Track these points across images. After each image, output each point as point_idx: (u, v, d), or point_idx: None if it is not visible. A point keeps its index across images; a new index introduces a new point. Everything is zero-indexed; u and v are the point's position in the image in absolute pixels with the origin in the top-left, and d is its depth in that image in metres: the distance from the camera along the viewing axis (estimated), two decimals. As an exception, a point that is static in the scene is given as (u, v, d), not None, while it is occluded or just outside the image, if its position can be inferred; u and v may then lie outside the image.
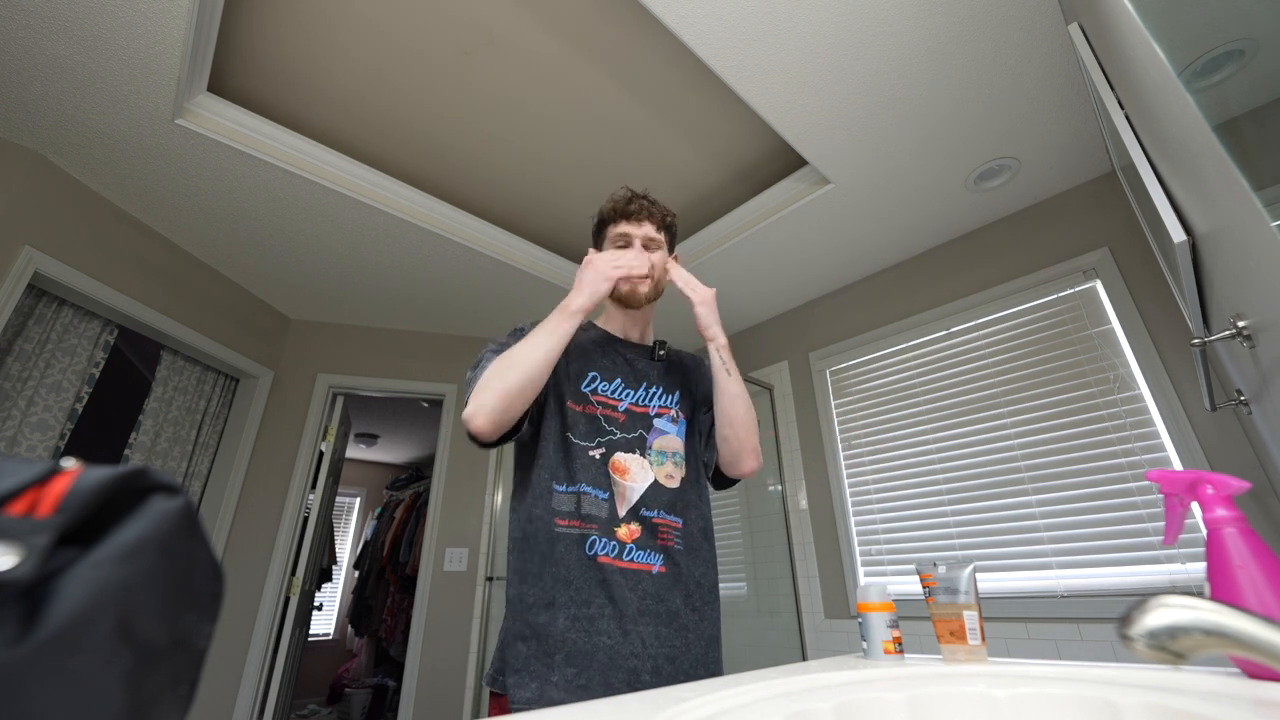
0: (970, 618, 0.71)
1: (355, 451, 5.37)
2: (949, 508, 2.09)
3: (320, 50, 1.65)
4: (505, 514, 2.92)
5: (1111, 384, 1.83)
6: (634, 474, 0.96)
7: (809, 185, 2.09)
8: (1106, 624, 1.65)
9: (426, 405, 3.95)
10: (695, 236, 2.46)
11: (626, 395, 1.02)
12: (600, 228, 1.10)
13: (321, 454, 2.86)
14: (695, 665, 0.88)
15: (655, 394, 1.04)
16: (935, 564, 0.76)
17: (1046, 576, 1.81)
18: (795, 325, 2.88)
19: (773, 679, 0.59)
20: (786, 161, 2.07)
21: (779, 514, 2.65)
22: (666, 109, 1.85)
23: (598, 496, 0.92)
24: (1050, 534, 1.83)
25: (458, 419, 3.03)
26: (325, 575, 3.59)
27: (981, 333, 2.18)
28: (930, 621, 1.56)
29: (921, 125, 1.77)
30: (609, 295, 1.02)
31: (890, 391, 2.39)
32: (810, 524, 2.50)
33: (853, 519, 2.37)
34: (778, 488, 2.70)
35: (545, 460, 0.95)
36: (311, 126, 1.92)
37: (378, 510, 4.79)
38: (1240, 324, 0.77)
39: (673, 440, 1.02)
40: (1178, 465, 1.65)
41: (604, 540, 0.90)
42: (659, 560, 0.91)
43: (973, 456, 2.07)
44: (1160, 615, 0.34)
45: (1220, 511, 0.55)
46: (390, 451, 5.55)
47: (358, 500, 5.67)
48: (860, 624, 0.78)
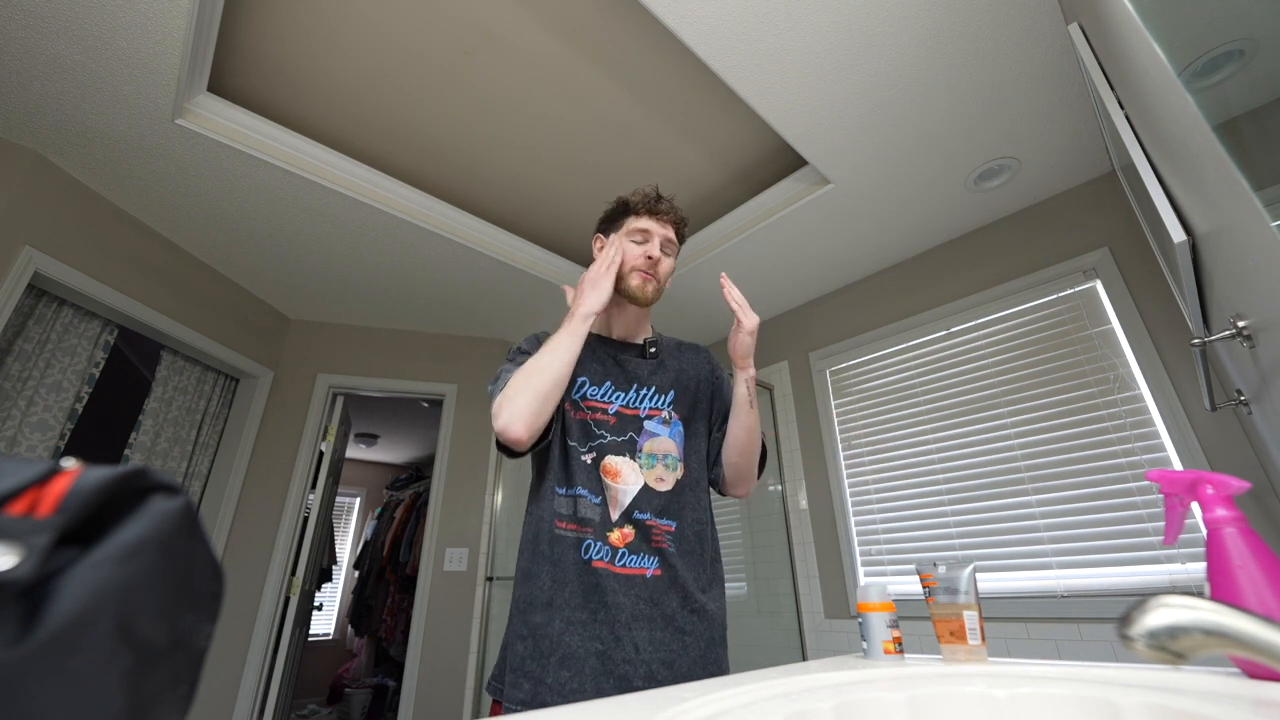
0: (970, 618, 0.71)
1: (355, 451, 5.37)
2: (949, 508, 2.09)
3: (320, 50, 1.65)
4: (505, 514, 2.93)
5: (1111, 384, 1.83)
6: (625, 477, 0.95)
7: (809, 185, 2.09)
8: (1106, 624, 1.65)
9: (426, 405, 3.94)
10: (695, 236, 2.46)
11: (617, 397, 1.01)
12: (621, 214, 1.08)
13: (321, 454, 2.86)
14: (693, 667, 0.87)
15: (646, 395, 1.03)
16: (935, 564, 0.76)
17: (1046, 576, 1.81)
18: (795, 325, 2.88)
19: (773, 679, 0.59)
20: (786, 161, 2.07)
21: (779, 514, 2.65)
22: (666, 109, 1.85)
23: (591, 500, 0.93)
24: (1050, 534, 1.83)
25: (458, 419, 3.03)
26: (325, 575, 3.59)
27: (981, 333, 2.18)
28: (930, 621, 1.56)
29: (921, 125, 1.77)
30: (616, 289, 1.04)
31: (890, 391, 2.39)
32: (810, 524, 2.50)
33: (853, 519, 2.37)
34: (778, 488, 2.70)
35: (551, 464, 0.96)
36: (311, 126, 1.92)
37: (378, 510, 4.79)
38: (1240, 324, 0.77)
39: (664, 442, 1.00)
40: (1178, 465, 1.65)
41: (599, 544, 0.90)
42: (654, 564, 0.91)
43: (973, 456, 2.07)
44: (1160, 615, 0.34)
45: (1220, 511, 0.55)
46: (390, 451, 5.55)
47: (358, 500, 5.67)
48: (860, 624, 0.78)
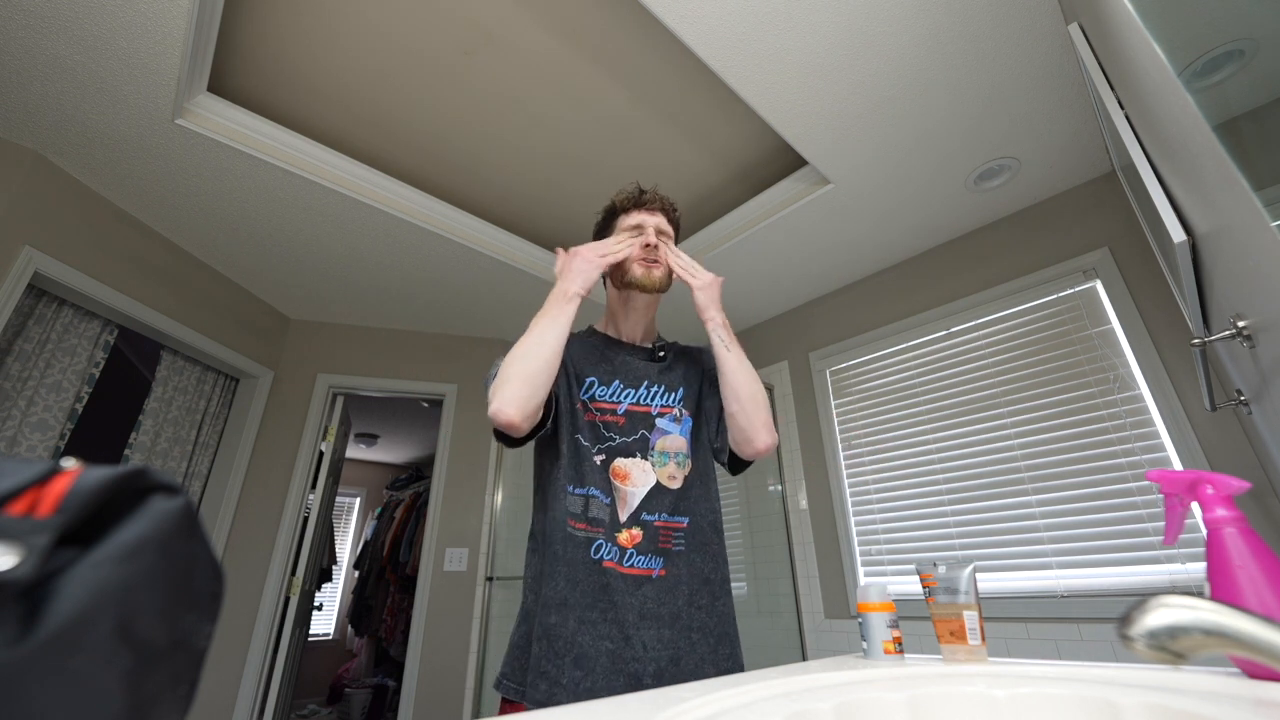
0: (970, 618, 0.71)
1: (355, 451, 5.37)
2: (949, 508, 2.09)
3: (320, 50, 1.65)
4: (505, 514, 2.92)
5: (1111, 384, 1.83)
6: (634, 479, 0.96)
7: (809, 185, 2.09)
8: (1106, 624, 1.65)
9: (426, 405, 3.94)
10: (695, 236, 2.46)
11: (626, 396, 1.02)
12: (610, 217, 1.10)
13: (321, 454, 2.86)
14: (701, 663, 0.88)
15: (656, 393, 1.03)
16: (935, 564, 0.76)
17: (1046, 576, 1.81)
18: (795, 325, 2.88)
19: (773, 679, 0.59)
20: (786, 161, 2.07)
21: (779, 514, 2.65)
22: (666, 109, 1.85)
23: (602, 500, 0.93)
24: (1050, 534, 1.83)
25: (458, 419, 3.03)
26: (325, 575, 3.59)
27: (981, 333, 2.18)
28: (930, 621, 1.56)
29: (921, 125, 1.77)
30: (622, 283, 1.04)
31: (890, 391, 2.39)
32: (810, 524, 2.50)
33: (853, 519, 2.37)
34: (778, 488, 2.70)
35: (562, 460, 0.96)
36: (311, 126, 1.92)
37: (378, 510, 4.78)
38: (1240, 324, 0.77)
39: (675, 440, 1.01)
40: (1178, 465, 1.65)
41: (608, 545, 0.91)
42: (659, 564, 0.92)
43: (973, 456, 2.07)
44: (1160, 615, 0.34)
45: (1220, 511, 0.55)
46: (390, 451, 5.54)
47: (358, 500, 5.67)
48: (860, 624, 0.78)
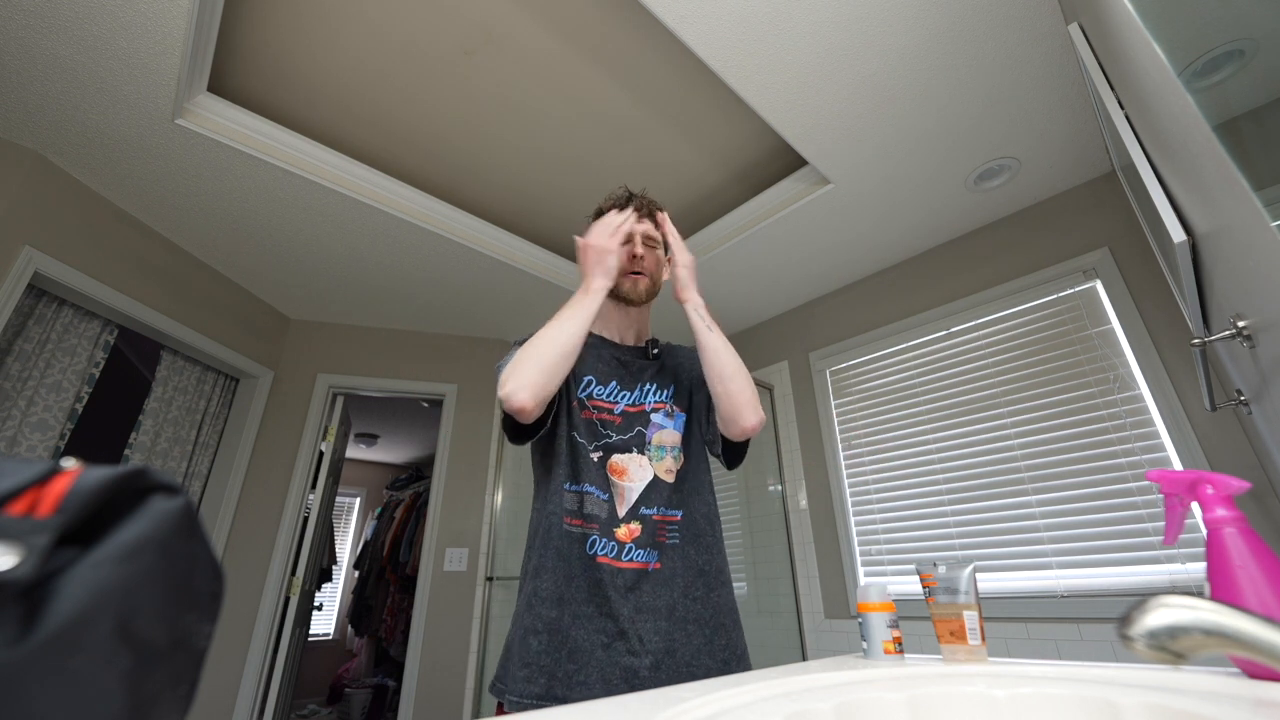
0: (970, 618, 0.71)
1: (355, 451, 5.37)
2: (949, 508, 2.09)
3: (320, 50, 1.65)
4: (505, 514, 2.92)
5: (1111, 384, 1.83)
6: (631, 474, 0.97)
7: (809, 185, 2.09)
8: (1106, 624, 1.65)
9: (426, 405, 3.94)
10: (695, 236, 2.46)
11: (623, 397, 1.03)
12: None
13: (321, 454, 2.86)
14: (697, 655, 0.88)
15: (650, 390, 1.05)
16: (935, 564, 0.76)
17: (1046, 576, 1.81)
18: (795, 325, 2.88)
19: (773, 679, 0.59)
20: (786, 161, 2.07)
21: (779, 514, 2.65)
22: (666, 109, 1.85)
23: (599, 497, 0.94)
24: (1050, 534, 1.83)
25: (458, 419, 3.03)
26: (325, 575, 3.59)
27: (981, 333, 2.18)
28: (930, 621, 1.56)
29: (921, 125, 1.77)
30: (611, 293, 1.04)
31: (890, 391, 2.39)
32: (810, 524, 2.50)
33: (853, 519, 2.37)
34: (778, 488, 2.70)
35: (559, 458, 0.97)
36: (311, 126, 1.92)
37: (378, 510, 4.78)
38: (1240, 324, 0.77)
39: (670, 434, 1.03)
40: (1178, 465, 1.65)
41: (604, 540, 0.91)
42: (654, 557, 0.93)
43: (973, 456, 2.07)
44: (1160, 615, 0.34)
45: (1220, 511, 0.55)
46: (390, 451, 5.54)
47: (358, 500, 5.67)
48: (860, 624, 0.78)
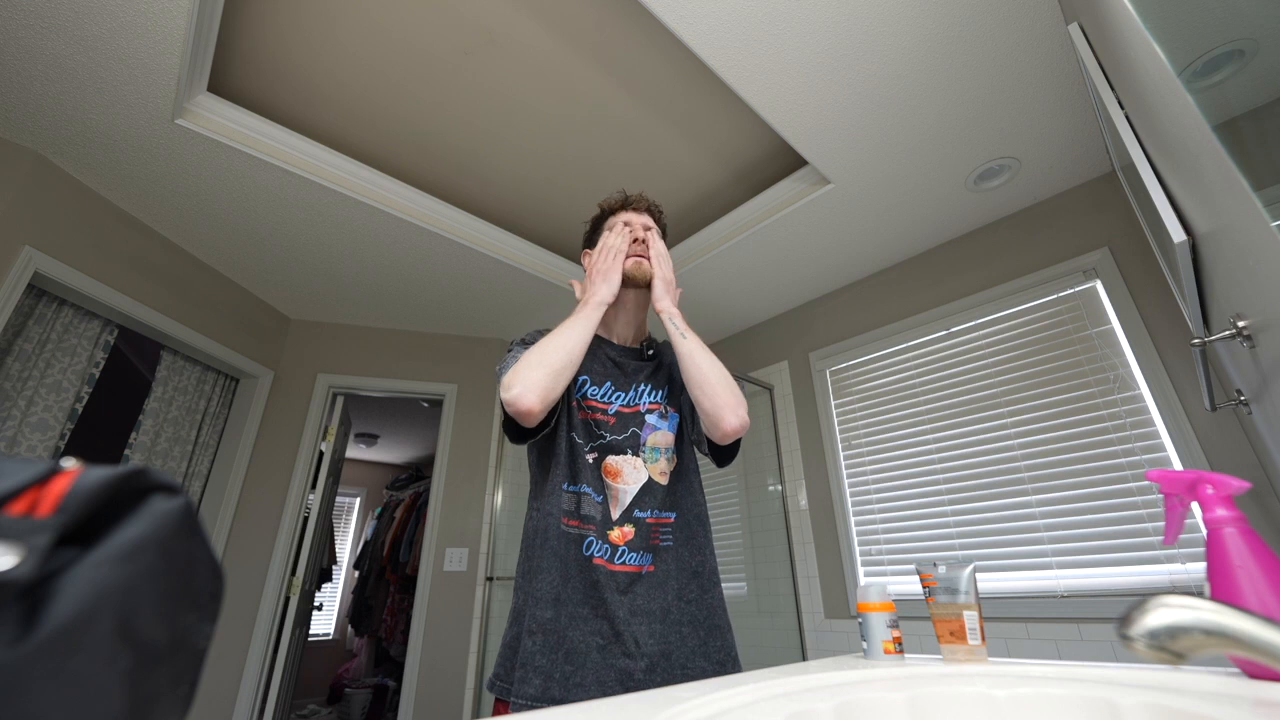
0: (970, 618, 0.71)
1: (355, 451, 5.36)
2: (949, 508, 2.09)
3: (320, 50, 1.65)
4: (505, 514, 2.92)
5: (1111, 384, 1.83)
6: (625, 476, 0.97)
7: (809, 185, 2.09)
8: (1106, 624, 1.65)
9: (426, 405, 3.94)
10: (695, 236, 2.45)
11: (617, 398, 1.04)
12: (599, 222, 1.16)
13: (321, 454, 2.86)
14: (692, 656, 0.89)
15: (644, 391, 1.06)
16: (935, 564, 0.76)
17: (1046, 576, 1.81)
18: (795, 325, 2.88)
19: (773, 679, 0.59)
20: (786, 161, 2.07)
21: (779, 514, 2.65)
22: (666, 109, 1.85)
23: (595, 498, 0.94)
24: (1050, 534, 1.83)
25: (458, 419, 3.03)
26: (325, 575, 3.59)
27: (981, 333, 2.18)
28: (930, 621, 1.56)
29: (921, 125, 1.77)
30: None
31: (890, 391, 2.39)
32: (810, 524, 2.50)
33: (853, 519, 2.37)
34: (778, 488, 2.70)
35: (559, 458, 0.97)
36: (311, 126, 1.92)
37: (378, 510, 4.78)
38: (1240, 324, 0.77)
39: (664, 435, 1.04)
40: (1178, 465, 1.65)
41: (599, 543, 0.92)
42: (648, 560, 0.93)
43: (973, 456, 2.07)
44: (1160, 615, 0.34)
45: (1220, 511, 0.55)
46: (390, 451, 5.54)
47: (358, 500, 5.67)
48: (860, 624, 0.78)
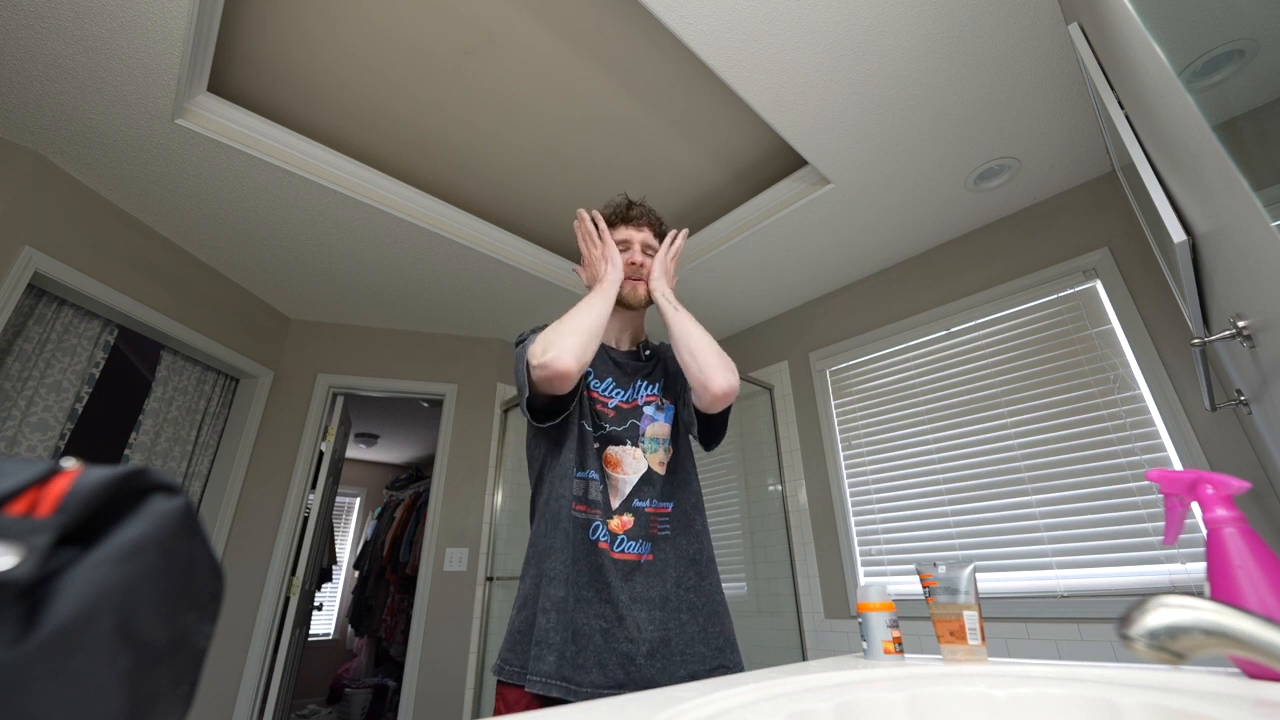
0: (970, 618, 0.71)
1: (355, 451, 5.36)
2: (949, 508, 2.09)
3: (320, 50, 1.65)
4: (505, 514, 2.92)
5: (1111, 384, 1.83)
6: (625, 466, 1.00)
7: (809, 185, 2.09)
8: (1106, 624, 1.65)
9: (426, 405, 3.94)
10: (695, 236, 2.45)
11: (617, 394, 1.07)
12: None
13: (321, 454, 2.86)
14: (692, 642, 0.91)
15: (641, 386, 1.09)
16: (935, 564, 0.76)
17: (1046, 576, 1.81)
18: (795, 325, 2.88)
19: (773, 679, 0.59)
20: (786, 161, 2.07)
21: (779, 514, 2.65)
22: (666, 109, 1.85)
23: (599, 485, 0.97)
24: (1050, 534, 1.83)
25: (458, 419, 3.03)
26: (325, 575, 3.59)
27: (981, 333, 2.18)
28: (930, 621, 1.56)
29: (921, 125, 1.77)
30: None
31: (890, 391, 2.39)
32: (810, 524, 2.50)
33: (853, 519, 2.37)
34: (778, 488, 2.70)
35: (570, 443, 0.99)
36: (311, 126, 1.92)
37: (378, 510, 4.78)
38: (1240, 324, 0.77)
39: (661, 426, 1.06)
40: (1178, 465, 1.65)
41: (604, 527, 0.95)
42: (647, 549, 0.96)
43: (973, 456, 2.07)
44: (1160, 615, 0.34)
45: (1220, 511, 0.55)
46: (390, 451, 5.54)
47: (358, 500, 5.66)
48: (860, 624, 0.78)
